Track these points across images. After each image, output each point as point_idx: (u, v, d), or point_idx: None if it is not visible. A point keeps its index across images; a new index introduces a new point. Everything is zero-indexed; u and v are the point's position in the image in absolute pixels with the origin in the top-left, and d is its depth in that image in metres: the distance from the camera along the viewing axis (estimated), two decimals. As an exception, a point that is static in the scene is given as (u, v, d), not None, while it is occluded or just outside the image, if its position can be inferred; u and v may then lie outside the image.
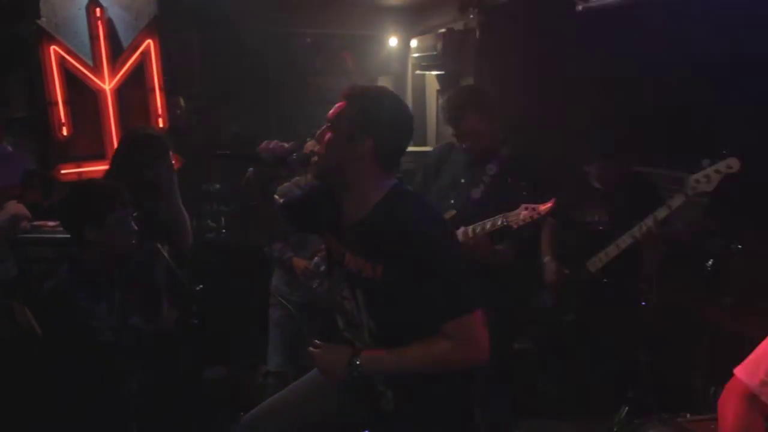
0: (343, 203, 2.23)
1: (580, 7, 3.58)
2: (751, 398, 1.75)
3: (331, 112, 2.16)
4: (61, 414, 2.59)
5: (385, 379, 2.17)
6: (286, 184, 2.64)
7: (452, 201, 3.37)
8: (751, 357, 1.81)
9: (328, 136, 2.14)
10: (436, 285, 2.02)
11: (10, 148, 5.00)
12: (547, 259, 3.84)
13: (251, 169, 2.37)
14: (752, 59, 3.68)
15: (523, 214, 3.00)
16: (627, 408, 3.69)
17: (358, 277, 2.15)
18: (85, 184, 2.89)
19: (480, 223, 3.17)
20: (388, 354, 2.10)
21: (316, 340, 2.23)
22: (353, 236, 2.19)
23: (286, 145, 2.27)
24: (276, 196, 2.45)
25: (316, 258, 3.79)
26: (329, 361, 2.17)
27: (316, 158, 2.20)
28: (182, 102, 5.59)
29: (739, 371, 1.82)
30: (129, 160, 3.21)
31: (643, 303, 3.78)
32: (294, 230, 2.68)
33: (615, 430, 3.55)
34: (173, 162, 4.44)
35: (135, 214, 2.74)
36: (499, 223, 3.07)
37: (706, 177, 3.25)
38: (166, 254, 3.44)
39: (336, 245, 2.29)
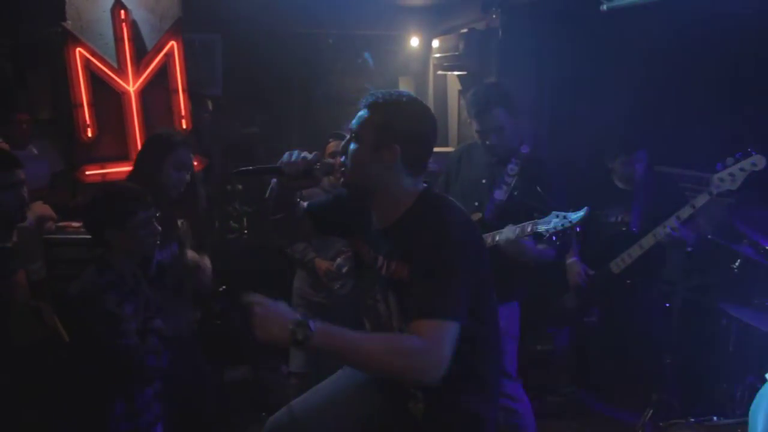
0: (371, 208, 2.22)
1: (604, 7, 3.55)
2: None
3: (353, 122, 2.14)
4: (85, 416, 2.61)
5: None
6: (312, 189, 2.61)
7: (476, 203, 3.36)
8: None
9: (353, 147, 2.12)
10: (430, 280, 1.95)
11: (35, 151, 5.08)
12: (571, 260, 3.81)
13: (274, 180, 2.34)
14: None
15: (554, 221, 2.96)
16: (652, 411, 3.66)
17: (390, 280, 2.14)
18: (106, 188, 2.90)
19: (510, 228, 3.12)
20: (345, 332, 1.90)
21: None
22: (385, 240, 2.17)
23: (308, 156, 2.23)
24: (301, 201, 2.44)
25: (338, 259, 3.79)
26: (274, 315, 1.86)
27: (342, 169, 2.18)
28: (210, 105, 5.61)
29: None
30: (151, 162, 3.21)
31: (667, 304, 3.75)
32: (318, 234, 2.66)
33: (640, 433, 3.53)
34: (195, 163, 4.49)
35: (158, 215, 2.75)
36: (529, 230, 3.03)
37: (731, 175, 3.22)
38: (189, 255, 3.46)
39: (366, 249, 2.27)
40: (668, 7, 3.49)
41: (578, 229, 2.96)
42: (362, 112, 2.13)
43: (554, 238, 2.96)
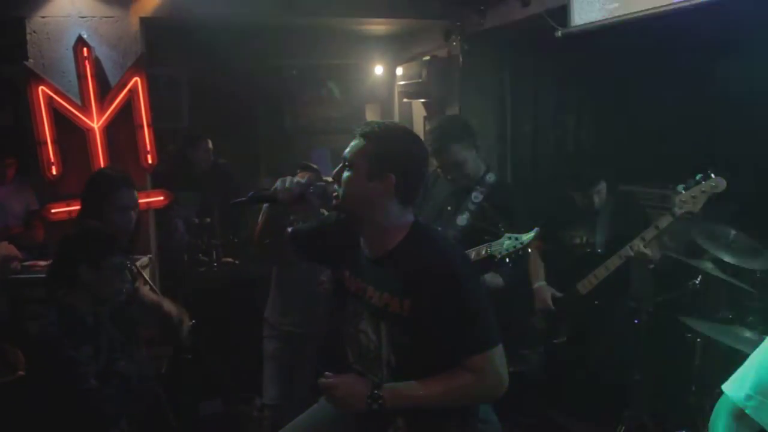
0: (361, 238, 2.23)
1: (559, 33, 3.63)
2: (740, 414, 1.75)
3: (347, 150, 2.16)
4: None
5: None
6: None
7: (439, 228, 3.40)
8: (738, 372, 1.81)
9: (346, 174, 2.14)
10: (463, 321, 2.04)
11: (14, 188, 5.04)
12: (538, 284, 3.85)
13: (266, 205, 2.36)
14: (733, 76, 3.74)
15: (506, 243, 3.03)
16: (624, 427, 3.70)
17: (383, 312, 2.15)
18: (89, 226, 2.88)
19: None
20: (410, 388, 2.09)
21: (327, 372, 2.18)
22: (376, 271, 2.18)
23: (302, 181, 2.27)
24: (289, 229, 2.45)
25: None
26: (348, 393, 2.12)
27: (335, 195, 2.19)
28: (210, 144, 5.62)
29: (726, 387, 1.81)
30: (91, 205, 3.17)
31: (636, 321, 3.81)
32: (301, 260, 2.66)
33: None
34: (161, 198, 4.49)
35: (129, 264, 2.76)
36: (483, 252, 3.10)
37: (693, 197, 3.29)
38: (157, 290, 3.44)
39: (353, 279, 2.28)
40: (624, 31, 3.57)
41: (528, 251, 3.02)
42: (357, 141, 2.14)
43: (507, 260, 3.02)
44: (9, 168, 4.79)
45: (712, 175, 3.25)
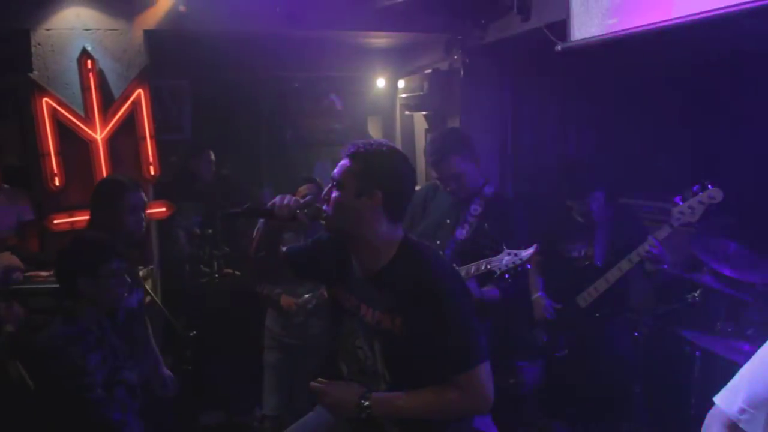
0: (353, 255, 2.27)
1: (559, 47, 3.66)
2: (732, 427, 1.75)
3: (335, 171, 2.20)
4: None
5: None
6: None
7: (438, 241, 3.41)
8: (731, 384, 1.82)
9: (335, 194, 2.18)
10: (450, 340, 2.07)
11: (4, 198, 5.02)
12: (536, 296, 3.86)
13: (261, 220, 2.40)
14: (728, 90, 3.77)
15: (506, 259, 3.04)
16: (623, 441, 3.70)
17: (376, 329, 2.19)
18: (80, 236, 2.90)
19: (464, 267, 3.19)
20: (397, 398, 2.14)
21: (321, 378, 2.24)
22: (368, 289, 2.22)
23: (301, 200, 2.32)
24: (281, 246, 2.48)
25: (306, 296, 3.80)
26: (338, 398, 2.18)
27: (324, 215, 2.23)
28: (213, 156, 5.64)
29: (719, 399, 1.82)
30: (103, 210, 3.19)
31: (636, 333, 3.81)
32: (297, 278, 2.69)
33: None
34: (164, 209, 4.51)
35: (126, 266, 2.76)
36: (483, 267, 3.11)
37: (690, 208, 3.30)
38: (158, 301, 3.45)
39: (348, 296, 2.31)
40: (623, 46, 3.60)
41: (528, 267, 3.04)
42: (344, 161, 2.19)
43: (506, 275, 3.03)
44: None
45: (710, 186, 3.27)
